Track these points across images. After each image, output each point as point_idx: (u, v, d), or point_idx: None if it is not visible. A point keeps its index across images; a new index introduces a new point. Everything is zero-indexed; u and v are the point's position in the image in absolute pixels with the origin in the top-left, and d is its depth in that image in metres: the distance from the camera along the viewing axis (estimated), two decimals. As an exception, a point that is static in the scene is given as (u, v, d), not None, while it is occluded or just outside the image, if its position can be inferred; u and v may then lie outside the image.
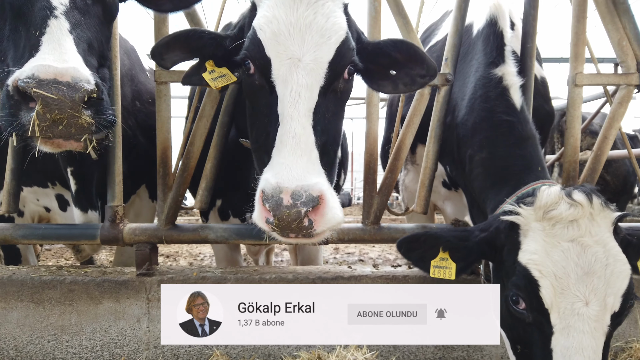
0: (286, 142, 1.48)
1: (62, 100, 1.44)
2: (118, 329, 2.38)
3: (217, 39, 1.86)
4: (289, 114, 1.53)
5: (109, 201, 2.45)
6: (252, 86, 1.72)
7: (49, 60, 1.49)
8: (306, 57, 1.60)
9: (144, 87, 3.08)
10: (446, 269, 1.94)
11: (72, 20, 1.66)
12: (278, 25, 1.61)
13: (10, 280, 2.36)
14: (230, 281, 2.42)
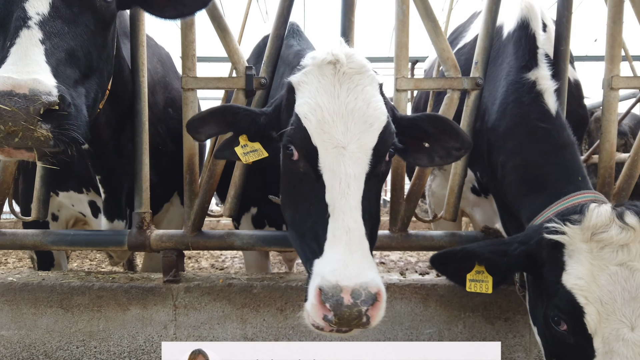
0: (340, 238, 1.47)
1: (16, 113, 1.40)
2: (145, 336, 2.38)
3: (252, 115, 1.86)
4: (341, 207, 1.52)
5: (136, 208, 2.45)
6: (295, 171, 1.70)
7: (11, 71, 1.46)
8: (351, 145, 1.59)
9: (178, 94, 3.07)
10: (482, 283, 1.89)
11: (49, 29, 1.61)
12: (322, 113, 1.60)
13: (40, 286, 2.39)
14: (257, 288, 2.41)
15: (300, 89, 1.69)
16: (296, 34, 2.69)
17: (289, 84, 1.75)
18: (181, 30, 2.38)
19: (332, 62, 1.67)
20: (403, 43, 2.40)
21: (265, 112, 1.87)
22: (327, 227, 1.52)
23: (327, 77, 1.66)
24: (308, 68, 1.70)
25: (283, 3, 2.36)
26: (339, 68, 1.67)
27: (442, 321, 2.40)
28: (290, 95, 1.74)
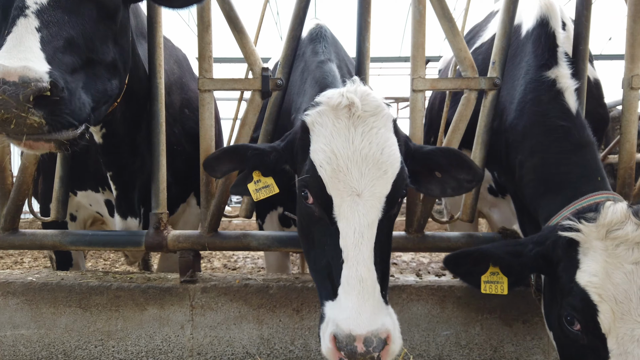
0: (353, 286, 1.51)
1: (6, 101, 1.41)
2: (162, 336, 2.40)
3: (261, 154, 1.88)
4: (354, 257, 1.54)
5: (153, 208, 2.47)
6: (310, 213, 1.72)
7: (3, 58, 1.47)
8: (365, 192, 1.61)
9: (194, 95, 3.10)
10: (497, 284, 1.88)
11: (46, 18, 1.63)
12: (337, 161, 1.61)
13: (59, 285, 2.41)
14: (273, 289, 2.41)
15: (315, 131, 1.70)
16: (322, 38, 2.66)
17: (303, 124, 1.75)
18: (198, 31, 2.39)
19: (347, 106, 1.67)
20: (420, 43, 2.39)
21: (276, 149, 1.88)
22: (341, 271, 1.55)
23: (341, 120, 1.67)
24: (322, 108, 1.70)
25: (299, 4, 2.36)
26: (353, 111, 1.67)
27: (459, 323, 2.38)
28: (305, 135, 1.74)
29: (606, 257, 1.59)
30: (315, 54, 2.52)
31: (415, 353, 2.38)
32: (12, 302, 2.40)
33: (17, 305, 2.40)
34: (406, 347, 2.37)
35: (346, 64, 2.91)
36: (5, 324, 2.39)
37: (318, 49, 2.56)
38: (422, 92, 2.41)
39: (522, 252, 1.83)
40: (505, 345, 2.38)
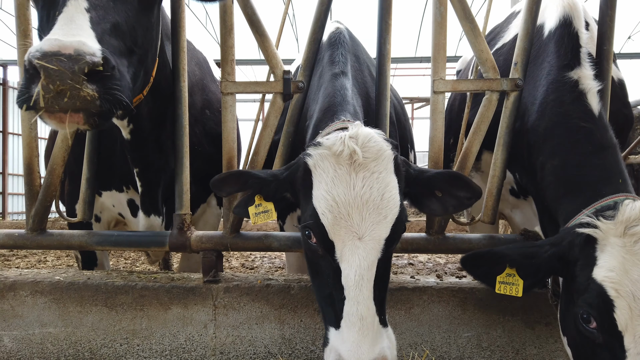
0: (354, 323, 1.62)
1: (62, 72, 1.46)
2: (186, 335, 2.44)
3: (263, 182, 1.96)
4: (355, 296, 1.64)
5: (177, 209, 2.51)
6: (313, 251, 1.79)
7: (58, 34, 1.54)
8: (366, 236, 1.68)
9: (214, 97, 3.16)
10: (513, 286, 1.89)
11: (94, 2, 1.70)
12: (339, 209, 1.68)
13: (86, 285, 2.47)
14: (294, 289, 2.43)
15: (317, 174, 1.76)
16: (340, 45, 2.68)
17: (305, 165, 1.81)
18: (220, 35, 2.43)
19: (345, 156, 1.73)
20: (441, 45, 2.39)
21: (278, 178, 1.93)
22: (343, 306, 1.65)
23: (342, 166, 1.73)
24: (324, 152, 1.76)
25: (320, 7, 2.37)
26: (355, 159, 1.72)
27: (480, 325, 2.37)
28: (307, 176, 1.81)
29: (624, 253, 1.59)
30: (332, 64, 2.55)
31: (436, 354, 2.38)
32: (40, 301, 2.46)
33: (45, 304, 2.46)
34: (427, 348, 2.37)
35: (368, 67, 2.92)
36: (33, 322, 2.45)
37: (335, 57, 2.58)
38: (442, 93, 2.41)
39: (537, 253, 1.83)
40: (527, 348, 2.37)
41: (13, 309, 2.46)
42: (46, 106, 1.49)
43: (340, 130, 1.93)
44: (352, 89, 2.45)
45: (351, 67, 2.64)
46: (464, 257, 1.94)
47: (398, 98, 3.67)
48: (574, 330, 1.72)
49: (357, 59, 2.82)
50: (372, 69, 3.00)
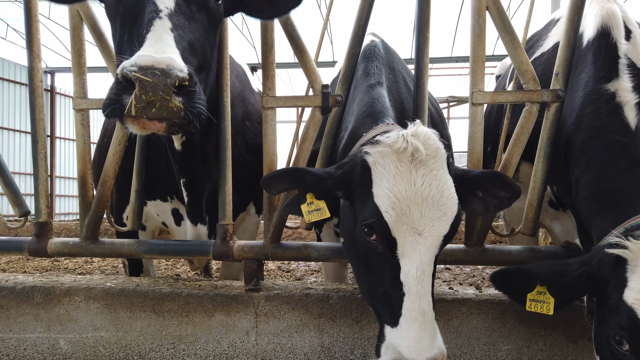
0: (416, 318, 1.64)
1: (156, 84, 1.60)
2: (229, 341, 2.52)
3: (319, 179, 1.96)
4: (417, 291, 1.67)
5: (220, 219, 2.60)
6: (371, 249, 1.79)
7: (150, 51, 1.68)
8: (425, 232, 1.71)
9: (253, 108, 3.26)
10: (544, 304, 1.87)
11: (175, 22, 1.85)
12: (401, 205, 1.70)
13: (135, 291, 2.59)
14: (333, 299, 2.48)
15: (377, 172, 1.77)
16: (375, 57, 2.73)
17: (365, 163, 1.81)
18: (262, 52, 2.50)
19: (409, 151, 1.75)
20: (479, 57, 2.39)
21: (333, 176, 1.93)
22: (402, 303, 1.67)
23: (404, 163, 1.75)
24: (384, 149, 1.77)
25: (358, 22, 2.42)
26: (417, 156, 1.75)
27: (521, 338, 2.36)
28: (365, 174, 1.80)
29: None
30: (366, 75, 2.59)
31: (475, 367, 2.38)
32: (93, 306, 2.60)
33: (97, 309, 2.60)
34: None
35: (403, 77, 2.95)
36: (87, 327, 2.59)
37: (370, 69, 2.63)
38: (481, 105, 2.41)
39: (567, 271, 1.81)
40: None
41: (68, 313, 2.61)
42: (137, 115, 1.62)
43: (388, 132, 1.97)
44: (388, 98, 2.49)
45: (386, 79, 2.68)
46: (494, 274, 1.94)
47: (435, 105, 3.67)
48: (607, 352, 1.70)
49: (391, 70, 2.85)
50: (408, 78, 3.02)
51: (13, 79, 18.73)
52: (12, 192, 2.73)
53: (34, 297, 2.63)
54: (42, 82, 2.67)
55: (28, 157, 19.18)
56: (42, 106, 2.68)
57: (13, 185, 2.73)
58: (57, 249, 2.68)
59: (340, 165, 1.97)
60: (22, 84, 19.11)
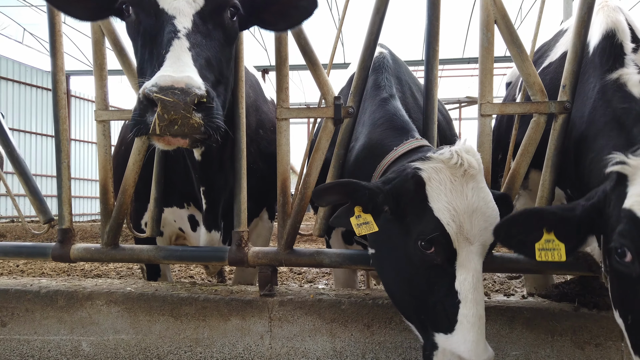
0: (474, 323, 1.75)
1: (176, 103, 1.69)
2: (244, 344, 2.61)
3: (372, 194, 1.97)
4: (474, 298, 1.78)
5: (235, 227, 2.69)
6: (426, 261, 1.85)
7: (169, 71, 1.77)
8: (476, 241, 1.83)
9: (266, 117, 3.35)
10: (554, 251, 1.85)
11: (192, 40, 1.94)
12: (459, 218, 1.80)
13: (154, 296, 2.69)
14: (345, 304, 2.56)
15: (433, 187, 1.84)
16: (384, 69, 2.80)
17: (419, 178, 1.87)
18: (276, 65, 2.59)
19: (463, 166, 1.84)
20: (488, 69, 2.45)
21: (383, 191, 1.96)
22: (457, 311, 1.77)
23: (457, 178, 1.84)
24: (438, 165, 1.86)
25: (369, 36, 2.49)
26: (470, 171, 1.85)
27: (528, 344, 2.41)
28: (420, 189, 1.87)
29: None
30: (377, 88, 2.66)
31: (484, 371, 2.43)
32: (114, 310, 2.70)
33: (118, 313, 2.70)
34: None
35: (410, 87, 3.02)
36: (108, 329, 2.70)
37: (380, 81, 2.70)
38: (489, 116, 2.47)
39: (574, 210, 1.82)
40: (576, 368, 2.39)
41: (90, 316, 2.71)
42: (161, 132, 1.72)
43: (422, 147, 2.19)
44: (404, 110, 2.58)
45: (396, 91, 2.75)
46: (496, 227, 1.89)
47: (442, 109, 3.72)
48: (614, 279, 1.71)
49: (399, 81, 2.92)
50: (414, 88, 3.09)
51: (30, 82, 19.08)
52: (37, 200, 2.85)
53: (57, 300, 2.74)
54: (65, 94, 2.78)
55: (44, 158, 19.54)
56: (66, 117, 2.80)
57: (38, 193, 2.85)
58: (79, 254, 2.79)
59: (387, 181, 2.00)
60: (39, 87, 19.48)
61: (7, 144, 2.86)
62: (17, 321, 2.76)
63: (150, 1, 1.99)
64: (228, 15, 2.14)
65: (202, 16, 2.02)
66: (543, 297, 2.60)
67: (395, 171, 2.02)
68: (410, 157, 2.14)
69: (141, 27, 2.04)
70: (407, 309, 2.03)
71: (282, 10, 2.27)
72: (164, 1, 1.98)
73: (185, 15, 1.96)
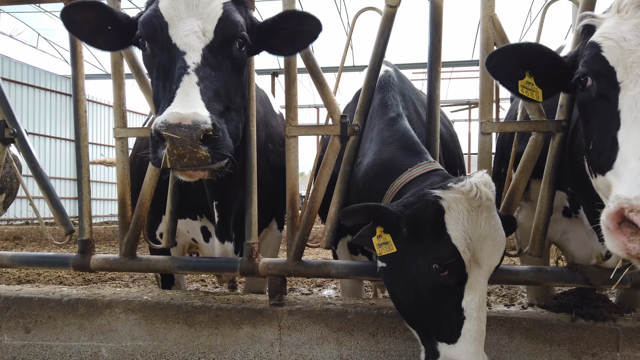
0: (476, 338, 1.96)
1: (183, 140, 1.82)
2: (255, 352, 2.74)
3: (399, 218, 2.07)
4: (478, 316, 1.97)
5: (247, 239, 2.82)
6: (436, 281, 2.02)
7: (177, 108, 1.90)
8: (484, 264, 2.01)
9: (275, 131, 3.47)
10: (533, 92, 2.15)
11: (201, 74, 2.06)
12: (473, 245, 1.97)
13: (169, 304, 2.83)
14: (351, 314, 2.67)
15: (452, 216, 1.97)
16: (390, 87, 2.92)
17: (439, 207, 1.99)
18: (285, 85, 2.72)
19: (480, 198, 1.98)
20: (488, 89, 2.56)
21: (405, 215, 2.06)
22: (462, 325, 1.95)
23: (474, 208, 1.98)
24: (458, 196, 1.99)
25: (374, 58, 2.61)
26: (486, 203, 1.99)
27: (527, 353, 2.51)
28: (439, 217, 1.99)
29: (618, 19, 1.84)
30: (385, 107, 2.78)
31: (484, 379, 2.54)
32: (132, 318, 2.84)
33: (135, 320, 2.84)
34: (475, 374, 2.54)
35: (413, 103, 3.13)
36: (126, 336, 2.84)
37: (387, 100, 2.81)
38: (489, 134, 2.57)
39: (555, 58, 2.09)
40: (574, 377, 2.48)
41: (109, 323, 2.86)
42: (171, 166, 1.87)
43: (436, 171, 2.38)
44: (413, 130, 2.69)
45: (404, 108, 2.87)
46: (489, 56, 2.14)
47: (446, 123, 3.81)
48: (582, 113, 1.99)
49: (403, 97, 3.03)
50: (418, 104, 3.20)
51: (44, 86, 19.42)
52: (59, 213, 3.00)
53: (78, 308, 2.89)
54: (85, 112, 2.94)
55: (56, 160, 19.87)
56: (86, 134, 2.95)
57: (60, 206, 3.01)
58: (99, 264, 2.94)
59: (408, 204, 2.10)
60: (53, 91, 19.81)
61: (31, 160, 3.02)
62: (40, 328, 2.92)
63: (164, 37, 2.14)
64: (236, 46, 2.26)
65: (211, 49, 2.15)
66: (542, 308, 2.69)
67: (416, 195, 2.13)
68: (426, 180, 2.28)
69: (156, 61, 2.18)
70: (413, 318, 2.18)
71: (289, 35, 2.39)
72: (176, 37, 2.11)
73: (195, 50, 2.09)
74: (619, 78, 1.72)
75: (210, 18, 2.17)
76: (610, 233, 1.55)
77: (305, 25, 2.36)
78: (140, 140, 3.60)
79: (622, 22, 1.82)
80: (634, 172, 1.55)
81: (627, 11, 1.84)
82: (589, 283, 2.47)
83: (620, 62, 1.72)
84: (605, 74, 1.78)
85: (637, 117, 1.64)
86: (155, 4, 2.18)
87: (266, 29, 2.40)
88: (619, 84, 1.72)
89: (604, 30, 1.84)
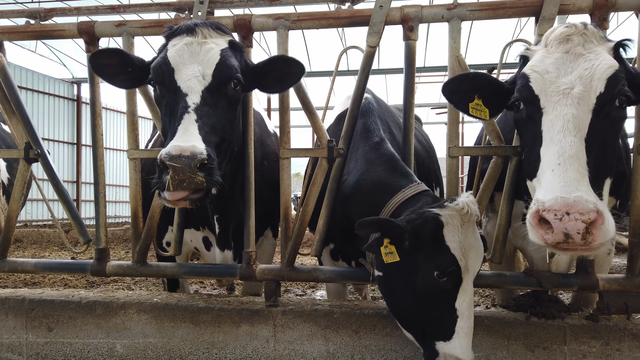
0: (467, 334, 2.34)
1: (183, 168, 2.19)
2: (252, 347, 3.12)
3: (404, 232, 2.34)
4: (469, 315, 2.33)
5: (245, 248, 3.20)
6: (435, 286, 2.33)
7: (179, 141, 2.27)
8: (470, 270, 2.38)
9: (270, 149, 3.85)
10: (481, 112, 2.56)
11: (200, 112, 2.44)
12: (466, 254, 2.34)
13: (177, 305, 3.20)
14: (337, 314, 3.06)
15: (449, 229, 2.32)
16: (371, 113, 3.26)
17: (439, 222, 2.31)
18: (279, 113, 3.10)
19: (469, 215, 2.33)
20: (454, 119, 2.96)
21: (407, 230, 2.35)
22: (455, 323, 2.28)
23: (465, 223, 2.34)
24: (453, 213, 2.33)
25: (357, 91, 2.99)
26: (472, 218, 2.36)
27: (488, 347, 2.90)
28: (437, 230, 2.31)
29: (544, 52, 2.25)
30: (368, 131, 3.14)
31: (451, 370, 2.92)
32: (143, 317, 3.22)
33: (146, 320, 3.21)
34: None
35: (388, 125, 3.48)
36: (138, 334, 3.21)
37: (369, 125, 3.18)
38: (456, 157, 2.96)
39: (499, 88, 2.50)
40: (528, 367, 2.88)
41: (123, 323, 3.23)
42: (173, 189, 2.24)
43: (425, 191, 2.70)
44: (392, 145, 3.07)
45: (385, 131, 3.24)
46: (444, 84, 2.55)
47: (422, 141, 4.16)
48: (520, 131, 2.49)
49: (382, 121, 3.40)
50: (392, 125, 3.56)
51: (42, 89, 19.70)
52: (77, 224, 3.37)
53: (96, 309, 3.26)
54: (102, 135, 3.31)
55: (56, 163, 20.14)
56: (102, 155, 3.32)
57: (79, 219, 3.37)
58: (114, 270, 3.31)
59: (410, 220, 2.39)
60: (52, 94, 20.09)
61: (53, 177, 3.38)
62: (62, 327, 3.28)
63: (171, 80, 2.53)
64: (232, 86, 2.64)
65: (210, 90, 2.53)
66: (503, 308, 3.09)
67: (416, 213, 2.45)
68: (419, 200, 2.62)
69: (164, 100, 2.57)
70: (410, 322, 2.50)
71: (277, 77, 2.79)
72: (181, 80, 2.51)
73: (195, 92, 2.47)
74: (542, 104, 2.14)
75: (209, 63, 2.55)
76: (532, 227, 1.98)
77: (292, 69, 2.74)
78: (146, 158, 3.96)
79: (547, 56, 2.24)
80: (548, 180, 1.98)
81: (552, 46, 2.24)
82: (542, 286, 2.87)
83: (543, 91, 2.14)
84: (532, 100, 2.21)
85: (553, 137, 2.06)
86: (165, 52, 2.57)
87: (259, 70, 2.77)
88: (542, 109, 2.14)
89: (533, 63, 2.26)
